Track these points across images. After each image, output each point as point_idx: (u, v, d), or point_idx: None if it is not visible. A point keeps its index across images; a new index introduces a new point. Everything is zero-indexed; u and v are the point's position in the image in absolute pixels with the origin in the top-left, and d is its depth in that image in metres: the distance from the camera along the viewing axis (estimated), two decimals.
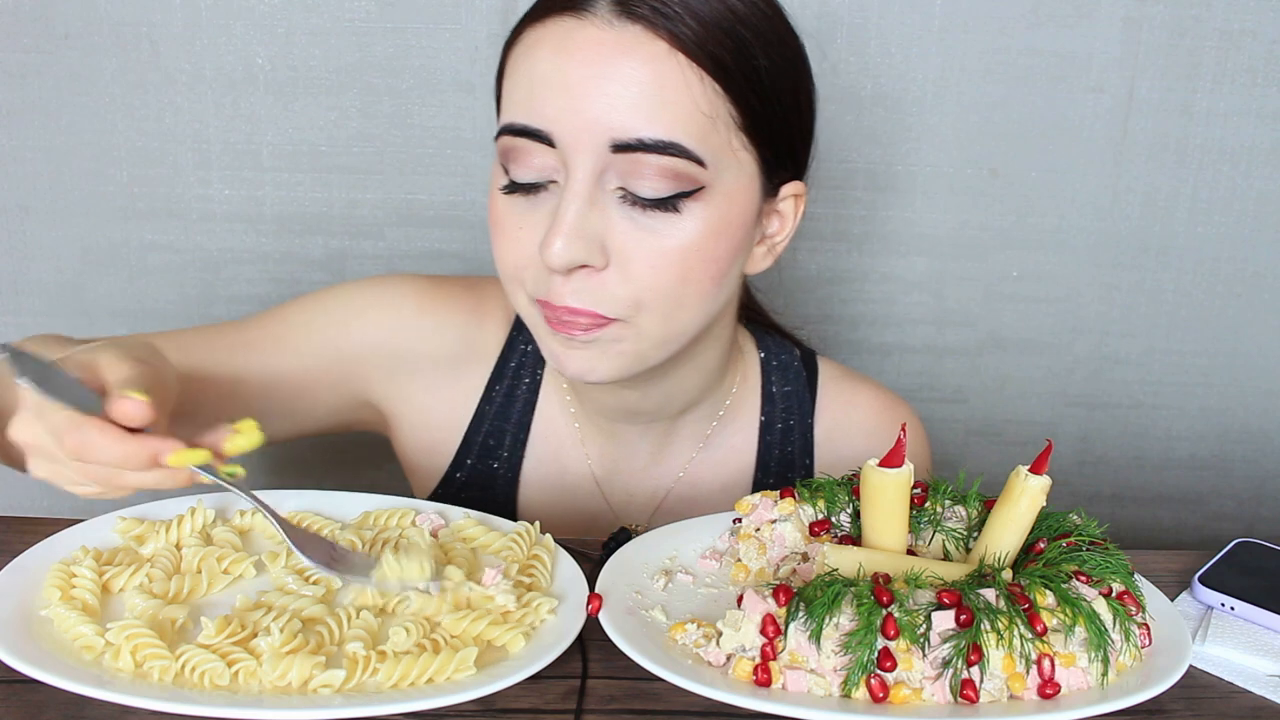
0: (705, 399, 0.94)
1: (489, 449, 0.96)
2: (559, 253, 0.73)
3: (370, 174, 1.30)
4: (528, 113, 0.75)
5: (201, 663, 0.62)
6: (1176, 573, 0.83)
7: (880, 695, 0.61)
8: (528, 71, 0.75)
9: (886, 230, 1.33)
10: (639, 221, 0.75)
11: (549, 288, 0.76)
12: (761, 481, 0.97)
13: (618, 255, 0.75)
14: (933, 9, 1.25)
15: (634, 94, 0.72)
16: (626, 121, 0.72)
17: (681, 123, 0.73)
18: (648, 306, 0.77)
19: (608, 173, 0.74)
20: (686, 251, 0.76)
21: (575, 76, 0.73)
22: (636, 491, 0.97)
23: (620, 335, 0.78)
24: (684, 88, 0.73)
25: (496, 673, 0.63)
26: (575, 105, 0.73)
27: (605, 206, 0.75)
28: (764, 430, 0.97)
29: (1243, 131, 1.30)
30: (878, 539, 0.72)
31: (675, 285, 0.77)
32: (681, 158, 0.73)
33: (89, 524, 0.77)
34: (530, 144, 0.75)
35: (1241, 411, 1.42)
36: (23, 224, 1.32)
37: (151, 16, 1.24)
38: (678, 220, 0.75)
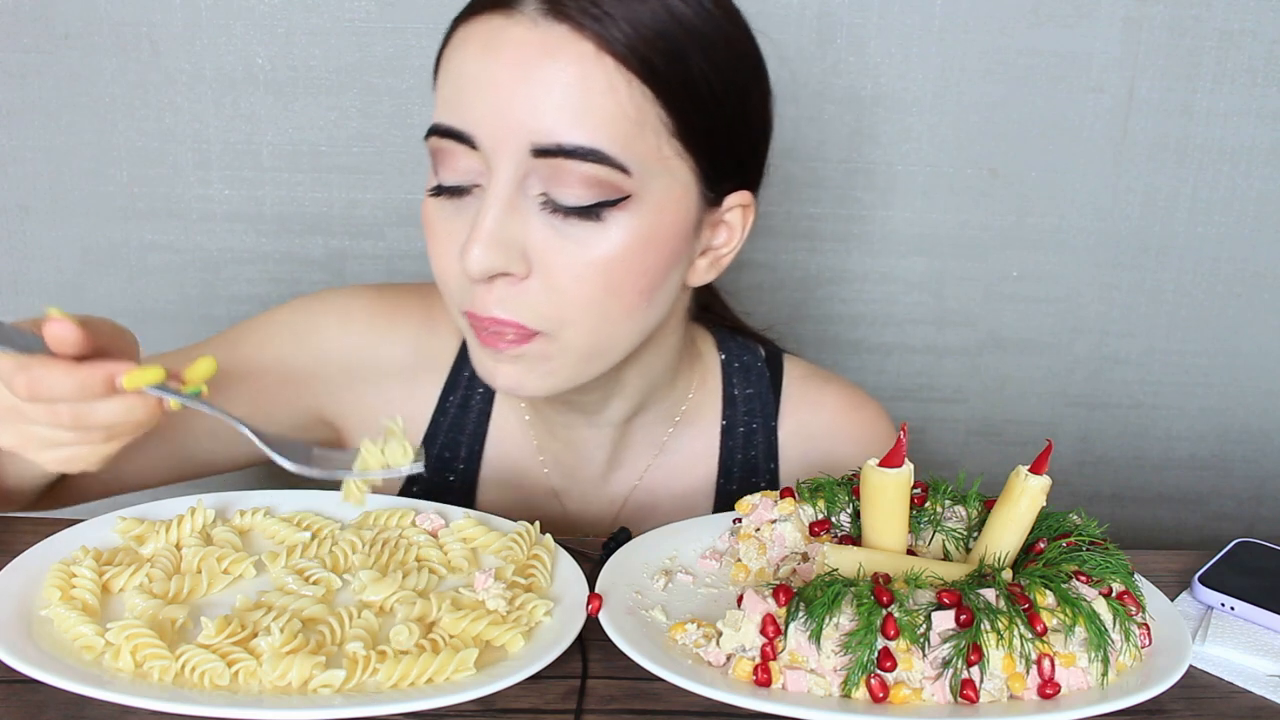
0: (657, 404, 0.92)
1: (444, 461, 0.94)
2: (476, 259, 0.70)
3: (370, 174, 1.30)
4: (452, 113, 0.72)
5: (201, 663, 0.62)
6: (1176, 573, 0.83)
7: (880, 695, 0.61)
8: (456, 70, 0.73)
9: (886, 230, 1.33)
10: (561, 230, 0.71)
11: (473, 298, 0.73)
12: (724, 488, 0.95)
13: (539, 265, 0.72)
14: (933, 9, 1.25)
15: (557, 97, 0.69)
16: (547, 125, 0.69)
17: (605, 128, 0.70)
18: (572, 321, 0.74)
19: (530, 178, 0.71)
20: (611, 263, 0.72)
21: (499, 77, 0.70)
22: (594, 499, 0.95)
23: (546, 352, 0.75)
24: (609, 91, 0.70)
25: (496, 673, 0.63)
26: (498, 107, 0.70)
27: (527, 213, 0.71)
28: (725, 434, 0.95)
29: (1243, 131, 1.30)
30: (878, 539, 0.72)
31: (600, 298, 0.73)
32: (604, 165, 0.70)
33: (89, 524, 0.77)
34: (455, 146, 0.72)
35: (1241, 411, 1.42)
36: (23, 224, 1.32)
37: (151, 16, 1.24)
38: (601, 230, 0.72)
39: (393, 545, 0.76)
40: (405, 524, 0.79)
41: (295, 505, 0.81)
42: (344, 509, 0.81)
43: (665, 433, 0.94)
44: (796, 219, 1.33)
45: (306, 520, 0.79)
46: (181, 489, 1.34)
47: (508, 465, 0.95)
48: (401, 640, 0.65)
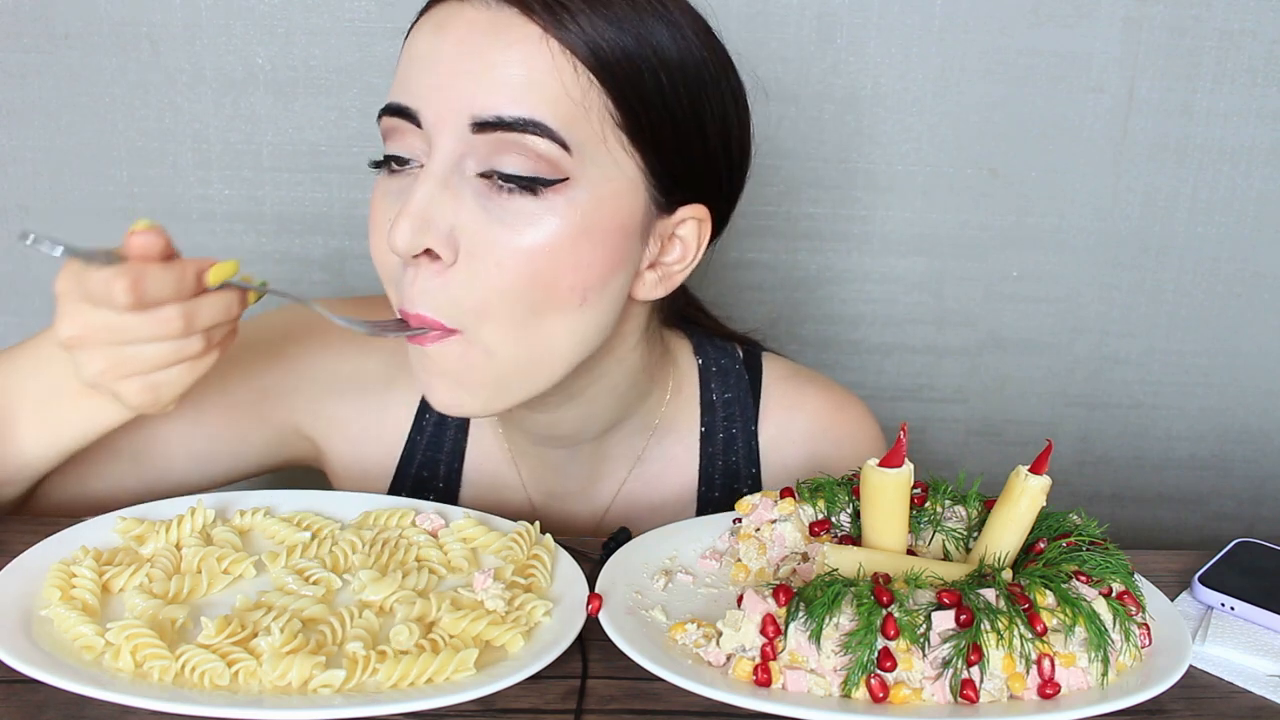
0: (629, 418, 0.89)
1: (423, 481, 0.92)
2: (402, 233, 0.68)
3: (370, 174, 1.29)
4: (402, 90, 0.72)
5: (201, 663, 0.62)
6: (1176, 573, 0.83)
7: (880, 695, 0.61)
8: (409, 51, 0.72)
9: (886, 230, 1.33)
10: (493, 213, 0.69)
11: (404, 293, 0.71)
12: (705, 495, 0.93)
13: (466, 250, 0.69)
14: (933, 9, 1.25)
15: (498, 74, 0.68)
16: (488, 100, 0.68)
17: (547, 105, 0.68)
18: (493, 314, 0.70)
19: (468, 158, 0.69)
20: (540, 250, 0.69)
21: (445, 54, 0.69)
22: (575, 514, 0.94)
23: (470, 359, 0.72)
24: (553, 72, 0.69)
25: (496, 673, 0.63)
26: (440, 82, 0.69)
27: (460, 194, 0.69)
28: (704, 441, 0.93)
29: (1243, 131, 1.30)
30: (878, 539, 0.72)
31: (523, 289, 0.70)
32: (544, 137, 0.68)
33: (89, 524, 0.77)
34: (402, 124, 0.71)
35: (1241, 411, 1.42)
36: (23, 224, 1.32)
37: (151, 16, 1.24)
38: (535, 212, 0.69)
39: (393, 545, 0.76)
40: (405, 524, 0.79)
41: (295, 505, 0.81)
42: (344, 509, 0.81)
43: (643, 444, 0.92)
44: (796, 219, 1.33)
45: (306, 520, 0.79)
46: None
47: (487, 485, 0.93)
48: (401, 640, 0.65)
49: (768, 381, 0.95)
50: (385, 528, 0.79)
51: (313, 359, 0.91)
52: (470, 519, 0.79)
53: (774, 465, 0.94)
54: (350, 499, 0.83)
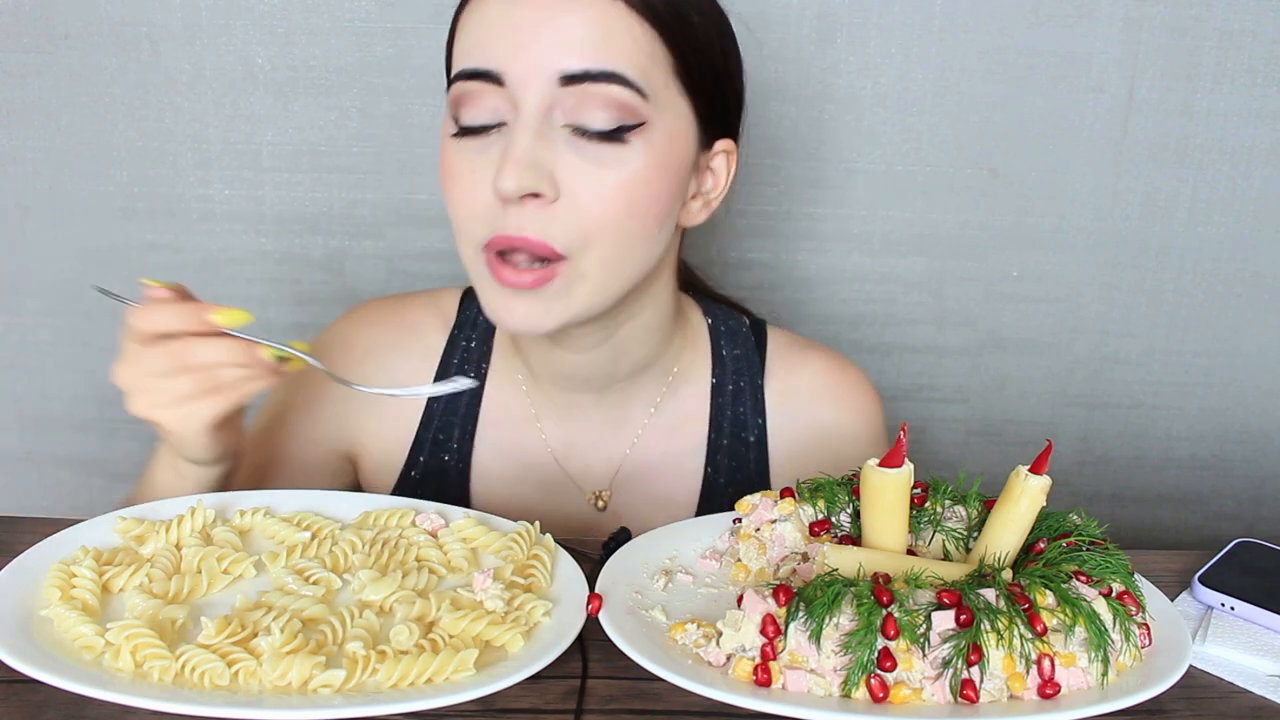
0: (653, 363, 0.96)
1: (439, 443, 0.99)
2: (511, 177, 0.76)
3: (370, 174, 1.30)
4: (479, 56, 0.79)
5: (201, 663, 0.62)
6: (1176, 573, 0.83)
7: (880, 695, 0.61)
8: (477, 22, 0.80)
9: (886, 230, 1.33)
10: (586, 154, 0.78)
11: (504, 222, 0.78)
12: (715, 442, 0.99)
13: (566, 188, 0.78)
14: (933, 9, 1.25)
15: (579, 31, 0.77)
16: (573, 55, 0.77)
17: (625, 57, 0.78)
18: (594, 240, 0.79)
19: (555, 110, 0.78)
20: (632, 183, 0.79)
21: (523, 19, 0.77)
22: (593, 461, 0.99)
23: (566, 282, 0.80)
24: (625, 30, 0.78)
25: (496, 673, 0.63)
26: (523, 43, 0.77)
27: (554, 141, 0.78)
28: (715, 392, 0.99)
29: (1243, 131, 1.30)
30: (878, 539, 0.72)
31: (621, 219, 0.79)
32: (626, 87, 0.78)
33: (89, 524, 0.77)
34: (480, 86, 0.78)
35: (1241, 411, 1.42)
36: (23, 224, 1.32)
37: (151, 16, 1.24)
38: (623, 152, 0.79)
39: (392, 545, 0.76)
40: (405, 524, 0.79)
41: (295, 505, 0.81)
42: (344, 509, 0.81)
43: (660, 392, 0.98)
44: (796, 219, 1.33)
45: (306, 520, 0.79)
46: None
47: (506, 440, 0.99)
48: (401, 640, 0.65)
49: (772, 344, 1.02)
50: (385, 528, 0.79)
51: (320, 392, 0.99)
52: (470, 519, 0.79)
53: (779, 418, 1.00)
54: (350, 499, 0.83)
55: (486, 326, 1.00)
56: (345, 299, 1.34)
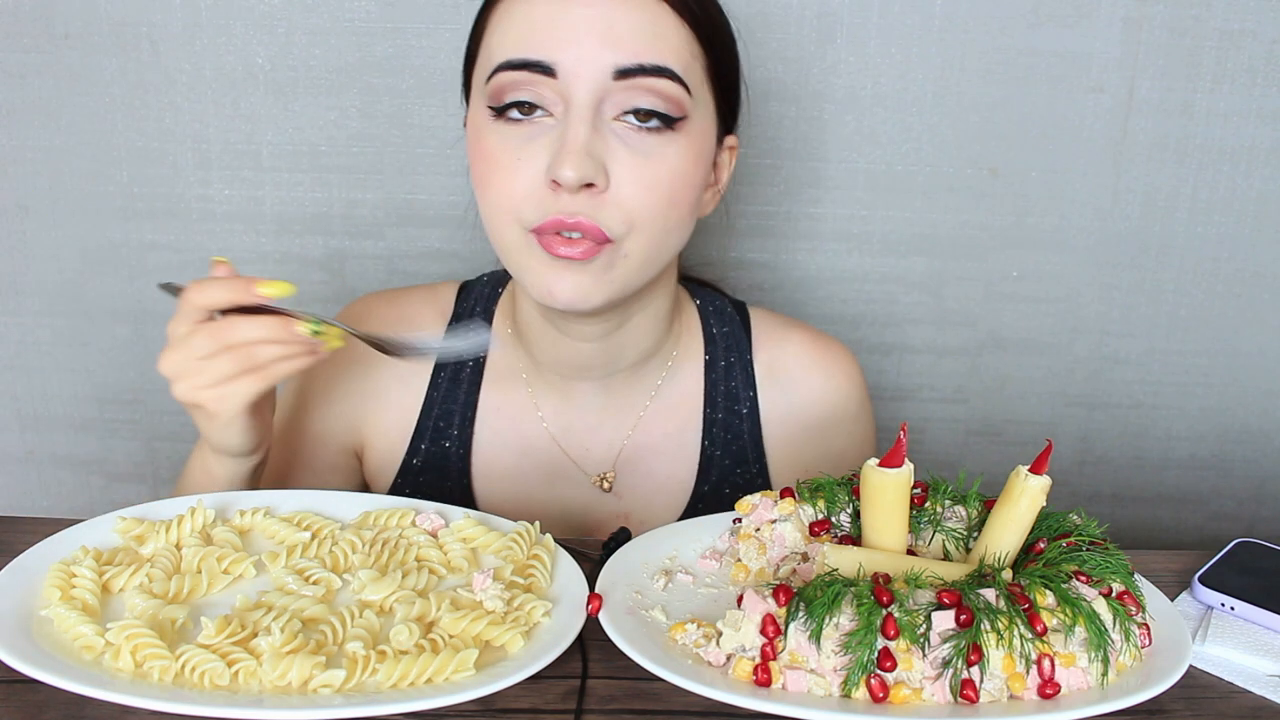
0: (655, 351, 0.99)
1: (439, 430, 1.01)
2: (573, 167, 0.79)
3: (370, 174, 1.30)
4: (529, 47, 0.81)
5: (201, 663, 0.62)
6: (1176, 573, 0.83)
7: (880, 695, 0.61)
8: (524, 13, 0.82)
9: (886, 230, 1.33)
10: (634, 146, 0.82)
11: (558, 207, 0.81)
12: (710, 416, 1.02)
13: (616, 179, 0.81)
14: (933, 9, 1.25)
15: (633, 28, 0.81)
16: (626, 50, 0.80)
17: (673, 54, 0.82)
18: (639, 227, 0.83)
19: (605, 102, 0.81)
20: (674, 175, 0.83)
21: (576, 14, 0.80)
22: (594, 445, 1.01)
23: (610, 261, 0.83)
24: (673, 29, 0.82)
25: (496, 673, 0.63)
26: (579, 37, 0.80)
27: (604, 133, 0.81)
28: (708, 368, 1.03)
29: (1243, 131, 1.30)
30: (878, 539, 0.72)
31: (664, 207, 0.83)
32: (675, 82, 0.82)
33: (89, 524, 0.77)
34: (529, 76, 0.81)
35: (1241, 411, 1.42)
36: (23, 224, 1.32)
37: (151, 16, 1.24)
38: (668, 145, 0.83)
39: (392, 545, 0.76)
40: (405, 524, 0.79)
41: (295, 505, 0.81)
42: (344, 509, 0.81)
43: (660, 376, 1.01)
44: (796, 219, 1.33)
45: (306, 520, 0.79)
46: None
47: (505, 426, 1.01)
48: (401, 640, 0.65)
49: (756, 320, 1.06)
50: (385, 528, 0.79)
51: (349, 390, 1.02)
52: (470, 519, 0.79)
53: (769, 391, 1.03)
54: (350, 499, 0.83)
55: (483, 319, 1.02)
56: (345, 299, 1.34)
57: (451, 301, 1.04)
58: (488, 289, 1.04)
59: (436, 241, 1.33)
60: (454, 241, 1.33)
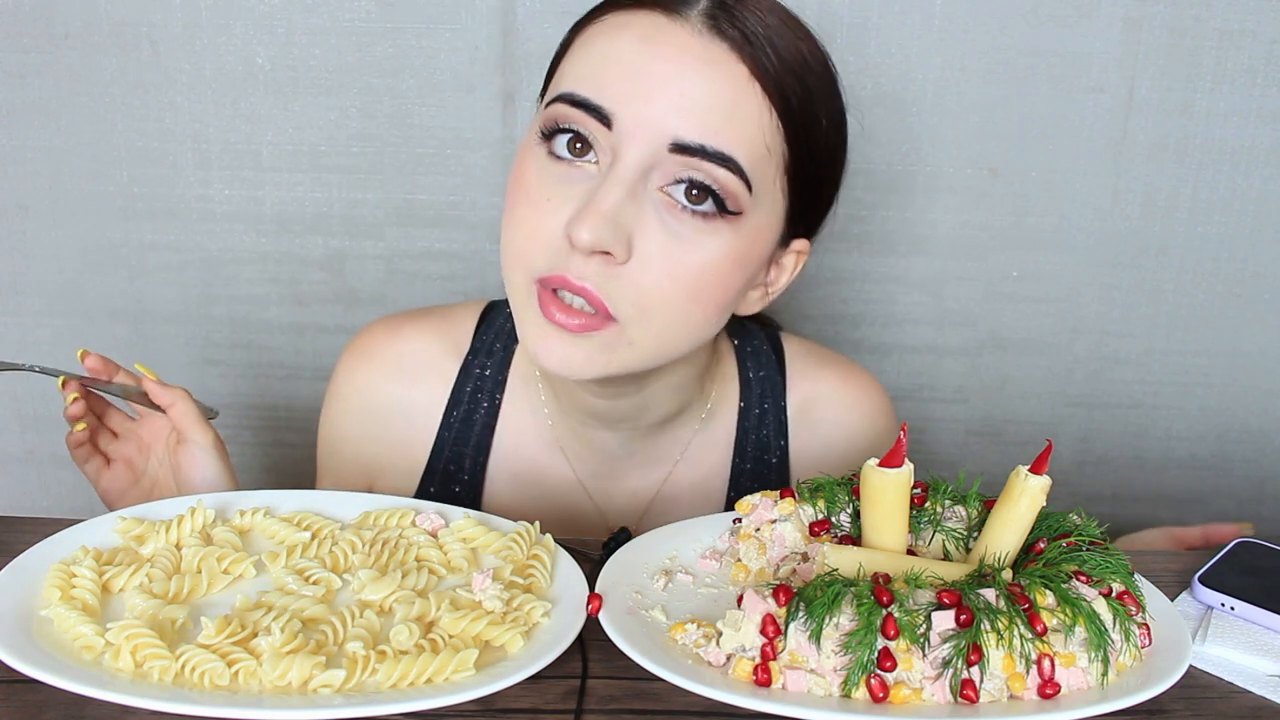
0: (688, 406, 0.94)
1: (449, 474, 0.96)
2: (590, 230, 0.72)
3: (370, 174, 1.30)
4: (594, 88, 0.74)
5: (201, 663, 0.62)
6: (1176, 573, 0.83)
7: (880, 695, 0.61)
8: (604, 50, 0.75)
9: (886, 230, 1.33)
10: (670, 227, 0.74)
11: (566, 264, 0.74)
12: (739, 467, 0.97)
13: (640, 255, 0.74)
14: (933, 9, 1.25)
15: (709, 103, 0.73)
16: (693, 125, 0.73)
17: (745, 145, 0.74)
18: (650, 315, 0.76)
19: (654, 172, 0.74)
20: (705, 270, 0.75)
21: (654, 69, 0.73)
22: (619, 495, 0.96)
23: (609, 344, 0.76)
24: (755, 115, 0.74)
25: (496, 673, 0.63)
26: (648, 94, 0.73)
27: (643, 203, 0.74)
28: (742, 416, 0.98)
29: (1243, 131, 1.30)
30: (878, 539, 0.72)
31: (685, 301, 0.76)
32: (736, 175, 0.74)
33: (89, 524, 0.77)
34: (584, 117, 0.74)
35: (1241, 411, 1.42)
36: (23, 224, 1.32)
37: (151, 16, 1.24)
38: (710, 234, 0.75)
39: (392, 545, 0.76)
40: (405, 524, 0.79)
41: (295, 505, 0.81)
42: (344, 509, 0.81)
43: (692, 430, 0.96)
44: None
45: (306, 520, 0.79)
46: None
47: (522, 469, 0.96)
48: (401, 640, 0.65)
49: (790, 357, 1.00)
50: (385, 528, 0.79)
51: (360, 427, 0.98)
52: (470, 519, 0.79)
53: (800, 434, 0.98)
54: (350, 499, 0.83)
55: (504, 355, 0.96)
56: (345, 299, 1.34)
57: (470, 332, 0.97)
58: (510, 321, 0.90)
59: (436, 241, 1.33)
60: (454, 242, 1.33)
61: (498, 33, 1.24)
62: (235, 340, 1.37)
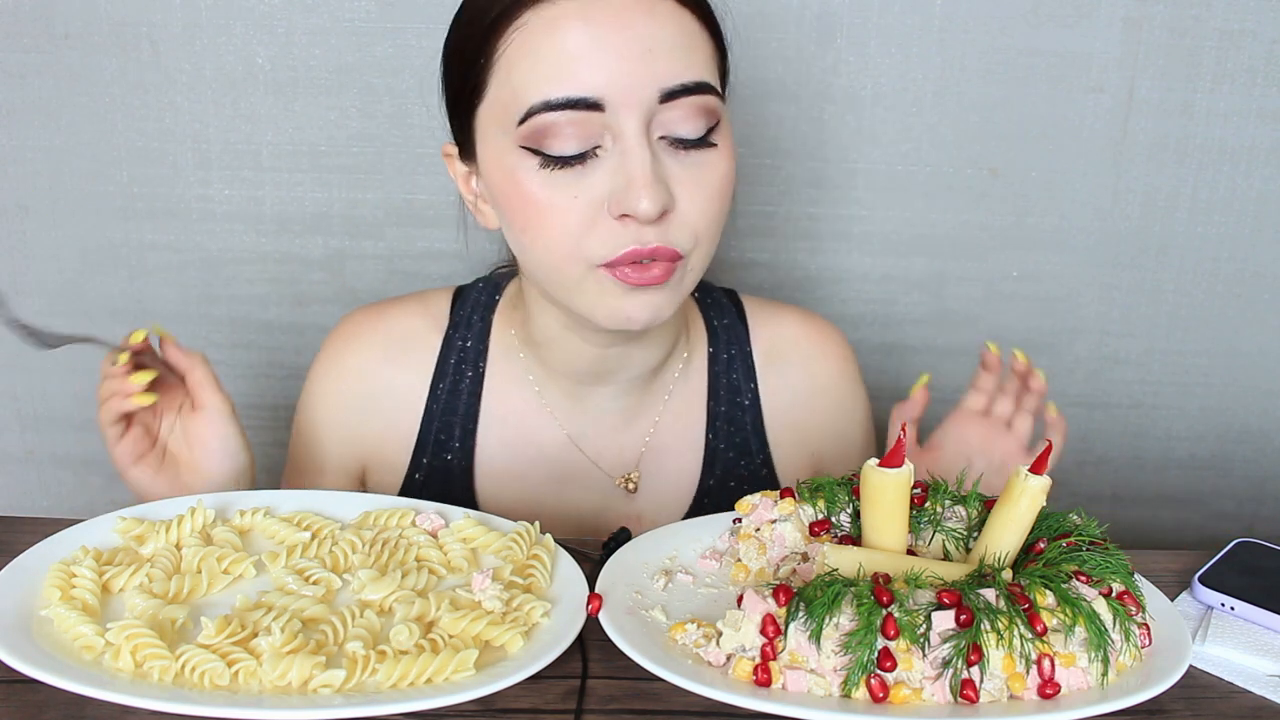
0: (671, 351, 0.98)
1: (440, 443, 0.99)
2: (649, 199, 0.77)
3: (370, 174, 1.30)
4: (569, 85, 0.77)
5: (201, 663, 0.62)
6: (1176, 573, 0.83)
7: (880, 695, 0.61)
8: (555, 47, 0.78)
9: (886, 230, 1.33)
10: (686, 162, 0.81)
11: (631, 238, 0.79)
12: (714, 410, 1.01)
13: (679, 196, 0.81)
14: (933, 9, 1.25)
15: (669, 47, 0.78)
16: (669, 72, 0.78)
17: (705, 64, 0.81)
18: (701, 240, 0.83)
19: (652, 124, 0.79)
20: (725, 180, 0.83)
21: (614, 42, 0.77)
22: (608, 449, 1.00)
23: (680, 277, 0.83)
24: (696, 34, 0.81)
25: (496, 673, 0.63)
26: (622, 66, 0.77)
27: (659, 155, 0.80)
28: (712, 361, 1.02)
29: (1243, 131, 1.30)
30: (878, 539, 0.72)
31: (720, 214, 0.84)
32: (711, 94, 0.81)
33: (89, 524, 0.77)
34: (572, 114, 0.77)
35: (1241, 411, 1.42)
36: (23, 224, 1.32)
37: (151, 16, 1.24)
38: (713, 154, 0.82)
39: (392, 545, 0.76)
40: (405, 524, 0.79)
41: (295, 505, 0.81)
42: (344, 509, 0.81)
43: (673, 379, 1.01)
44: (796, 219, 1.33)
45: (306, 520, 0.79)
46: None
47: (511, 436, 0.99)
48: (401, 640, 0.65)
49: (750, 308, 1.05)
50: (385, 528, 0.79)
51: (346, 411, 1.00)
52: (470, 519, 0.79)
53: (770, 379, 1.03)
54: (350, 499, 0.83)
55: (482, 326, 1.00)
56: (345, 299, 1.34)
57: (446, 310, 1.01)
58: (484, 295, 1.01)
59: (436, 241, 1.33)
60: (454, 242, 1.32)
61: None
62: (235, 340, 1.37)
